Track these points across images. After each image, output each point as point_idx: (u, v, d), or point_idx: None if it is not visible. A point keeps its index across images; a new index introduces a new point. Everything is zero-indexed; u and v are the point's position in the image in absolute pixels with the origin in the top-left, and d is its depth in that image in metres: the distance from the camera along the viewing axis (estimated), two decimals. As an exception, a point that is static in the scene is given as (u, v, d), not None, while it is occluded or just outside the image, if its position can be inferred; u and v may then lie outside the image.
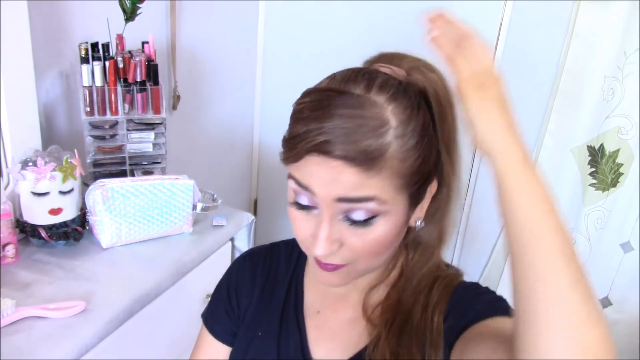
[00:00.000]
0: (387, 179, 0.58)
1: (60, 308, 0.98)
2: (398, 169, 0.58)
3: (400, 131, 0.58)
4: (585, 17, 1.76)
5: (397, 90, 0.60)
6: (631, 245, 1.99)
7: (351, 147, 0.55)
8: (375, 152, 0.56)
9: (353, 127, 0.55)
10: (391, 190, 0.59)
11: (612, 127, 1.84)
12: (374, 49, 0.72)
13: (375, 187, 0.57)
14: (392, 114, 0.58)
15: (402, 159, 0.58)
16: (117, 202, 1.17)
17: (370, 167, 0.56)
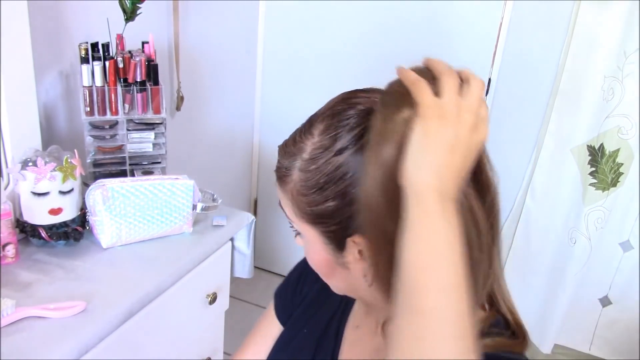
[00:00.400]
0: (289, 202, 0.60)
1: (60, 308, 0.98)
2: (297, 200, 0.59)
3: (305, 165, 0.57)
4: (585, 17, 1.76)
5: (338, 122, 0.56)
6: (631, 244, 1.99)
7: (278, 158, 0.61)
8: (281, 170, 0.60)
9: (287, 144, 0.60)
10: (293, 215, 0.61)
11: (612, 127, 1.84)
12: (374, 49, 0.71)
13: (284, 204, 0.62)
14: (310, 146, 0.57)
15: (301, 192, 0.58)
16: (117, 202, 1.17)
17: (280, 183, 0.61)
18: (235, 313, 2.27)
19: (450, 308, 0.45)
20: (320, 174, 0.56)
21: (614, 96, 1.81)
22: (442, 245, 0.47)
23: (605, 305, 2.11)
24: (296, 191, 0.58)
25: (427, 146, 0.49)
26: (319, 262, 0.63)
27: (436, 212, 0.48)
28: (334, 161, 0.55)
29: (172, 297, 1.18)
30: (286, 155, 0.59)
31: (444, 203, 0.48)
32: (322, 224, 0.58)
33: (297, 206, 0.59)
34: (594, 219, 1.94)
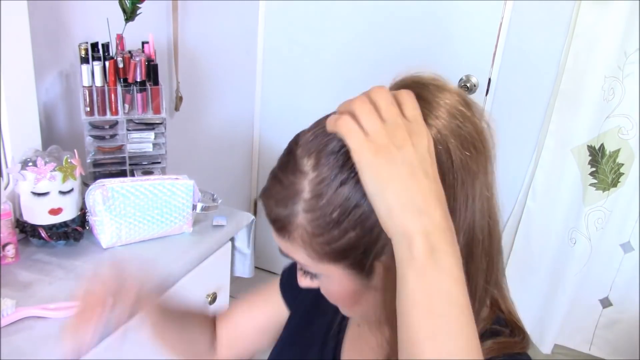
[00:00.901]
0: (301, 248, 0.54)
1: (60, 308, 0.98)
2: (312, 243, 0.53)
3: (311, 204, 0.52)
4: (585, 17, 1.76)
5: (331, 152, 0.51)
6: (631, 246, 1.99)
7: (269, 210, 0.55)
8: (283, 221, 0.54)
9: (275, 192, 0.55)
10: (309, 260, 0.55)
11: (612, 127, 1.84)
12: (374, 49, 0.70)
13: (294, 252, 0.56)
14: (309, 184, 0.52)
15: (315, 233, 0.52)
16: (117, 202, 1.17)
17: (282, 234, 0.55)
18: (235, 313, 2.26)
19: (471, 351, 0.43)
20: (331, 208, 0.51)
21: (615, 96, 1.81)
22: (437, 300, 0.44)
23: (605, 306, 2.11)
24: (308, 234, 0.53)
25: (386, 188, 0.45)
26: (344, 295, 0.59)
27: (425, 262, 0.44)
28: (342, 192, 0.50)
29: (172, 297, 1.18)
30: (279, 203, 0.54)
31: (432, 242, 0.44)
32: (346, 258, 0.53)
33: (313, 249, 0.54)
34: (594, 220, 1.94)
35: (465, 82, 1.95)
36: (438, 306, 0.44)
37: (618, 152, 1.86)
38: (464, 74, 1.96)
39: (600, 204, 1.92)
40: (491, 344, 0.57)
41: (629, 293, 2.04)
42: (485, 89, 1.97)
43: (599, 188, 1.91)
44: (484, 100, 1.98)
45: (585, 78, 1.81)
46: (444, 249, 0.44)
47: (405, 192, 0.45)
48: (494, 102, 1.99)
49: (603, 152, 1.87)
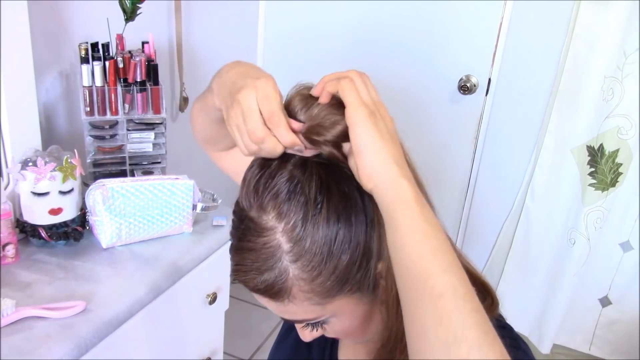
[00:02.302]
0: (304, 301, 0.54)
1: (60, 308, 0.98)
2: (313, 287, 0.53)
3: (296, 252, 0.52)
4: (585, 17, 1.76)
5: (287, 197, 0.52)
6: (631, 245, 1.99)
7: (255, 282, 0.54)
8: (275, 284, 0.53)
9: (251, 262, 0.54)
10: (318, 308, 0.55)
11: (611, 127, 1.84)
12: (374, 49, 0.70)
13: (297, 312, 0.56)
14: (282, 236, 0.52)
15: (311, 278, 0.52)
16: (117, 202, 1.17)
17: (280, 298, 0.54)
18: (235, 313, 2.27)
19: (460, 283, 0.46)
20: (318, 245, 0.52)
21: (614, 96, 1.81)
22: (430, 228, 0.47)
23: (605, 306, 2.11)
24: (306, 282, 0.53)
25: (378, 142, 0.49)
26: (358, 324, 0.59)
27: (415, 198, 0.48)
28: (319, 225, 0.52)
29: (172, 297, 1.18)
30: (262, 269, 0.53)
31: (414, 187, 0.49)
32: (347, 283, 0.54)
33: (316, 293, 0.53)
34: (593, 219, 1.94)
35: (465, 82, 1.95)
36: (428, 228, 0.47)
37: (617, 152, 1.86)
38: (464, 74, 1.97)
39: (599, 204, 1.92)
40: None
41: (628, 292, 2.04)
42: (485, 89, 1.97)
43: (598, 188, 1.91)
44: (484, 100, 1.98)
45: (584, 78, 1.81)
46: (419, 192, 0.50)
47: (390, 147, 0.50)
48: (493, 102, 1.99)
49: (602, 152, 1.87)
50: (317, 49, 2.18)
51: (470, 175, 2.08)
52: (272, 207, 0.53)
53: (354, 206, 0.54)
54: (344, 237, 0.52)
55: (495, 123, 2.01)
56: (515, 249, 2.11)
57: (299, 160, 0.54)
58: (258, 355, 2.13)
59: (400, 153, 0.51)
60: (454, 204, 2.14)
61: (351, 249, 0.53)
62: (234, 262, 0.56)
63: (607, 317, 2.12)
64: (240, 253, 0.55)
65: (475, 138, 2.03)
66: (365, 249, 0.54)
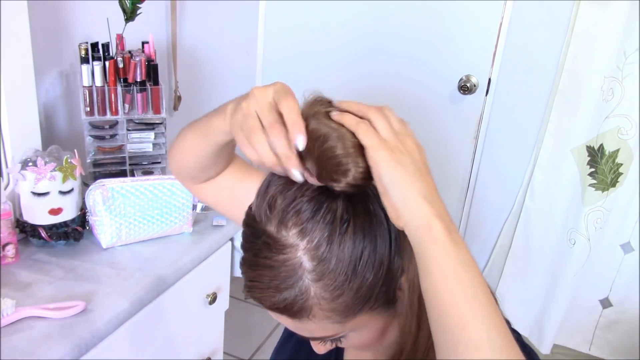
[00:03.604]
0: (325, 320, 0.53)
1: (60, 308, 0.98)
2: (332, 307, 0.52)
3: (319, 271, 0.50)
4: (584, 17, 1.76)
5: (311, 215, 0.51)
6: (631, 246, 1.99)
7: (273, 300, 0.52)
8: (295, 303, 0.51)
9: (269, 280, 0.52)
10: (338, 326, 0.54)
11: (611, 127, 1.84)
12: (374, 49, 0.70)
13: (316, 330, 0.55)
14: (305, 254, 0.50)
15: (332, 297, 0.51)
16: (117, 202, 1.17)
17: (299, 317, 0.52)
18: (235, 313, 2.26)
19: (497, 334, 0.44)
20: (343, 265, 0.50)
21: (614, 96, 1.81)
22: (465, 272, 0.46)
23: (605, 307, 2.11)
24: (327, 301, 0.51)
25: (402, 180, 0.48)
26: (375, 337, 0.58)
27: (448, 239, 0.46)
28: (345, 245, 0.51)
29: (172, 297, 1.18)
30: (281, 287, 0.51)
31: (446, 224, 0.47)
32: (369, 301, 0.53)
33: (337, 313, 0.52)
34: (593, 220, 1.94)
35: (465, 82, 1.95)
36: (463, 273, 0.46)
37: (617, 152, 1.86)
38: (464, 74, 1.96)
39: (599, 204, 1.92)
40: None
41: (629, 294, 2.04)
42: (485, 89, 1.97)
43: (598, 188, 1.91)
44: (484, 100, 1.98)
45: (584, 78, 1.81)
46: (454, 229, 0.48)
47: (418, 183, 0.48)
48: (493, 102, 1.99)
49: (602, 153, 1.87)
50: (317, 49, 2.17)
51: (470, 175, 2.08)
52: (293, 223, 0.51)
53: (379, 225, 0.52)
54: (369, 256, 0.51)
55: (495, 123, 2.00)
56: (515, 249, 2.11)
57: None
58: (258, 355, 2.13)
59: (431, 187, 0.49)
60: (454, 204, 2.14)
61: (375, 268, 0.52)
62: (248, 278, 0.54)
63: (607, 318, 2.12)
64: (255, 269, 0.53)
65: (475, 138, 2.03)
66: (390, 266, 0.53)
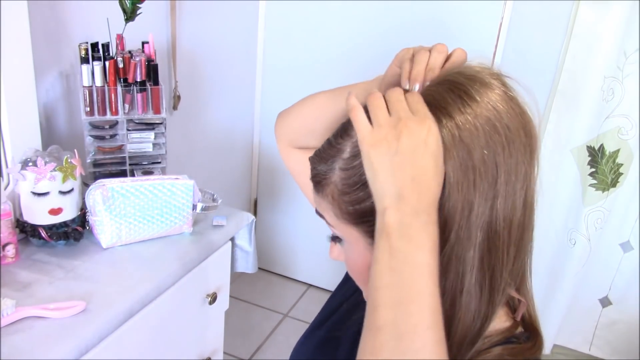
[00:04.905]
0: (330, 205, 0.59)
1: (60, 308, 0.98)
2: (339, 200, 0.58)
3: (347, 163, 0.57)
4: (584, 17, 1.76)
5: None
6: (631, 245, 1.99)
7: (314, 166, 0.61)
8: (321, 176, 0.59)
9: (322, 151, 0.60)
10: (334, 219, 0.60)
11: (612, 128, 1.84)
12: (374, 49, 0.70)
13: (324, 209, 0.61)
14: (350, 146, 0.57)
15: (343, 191, 0.57)
16: (117, 202, 1.17)
17: (317, 189, 0.60)
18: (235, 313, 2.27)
19: (403, 321, 0.47)
20: (362, 169, 0.54)
21: (614, 96, 1.81)
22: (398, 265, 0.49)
23: (605, 306, 2.11)
24: (337, 191, 0.57)
25: (375, 175, 0.51)
26: (362, 266, 0.60)
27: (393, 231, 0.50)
28: None
29: (172, 297, 1.18)
30: (322, 160, 0.59)
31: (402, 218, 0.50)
32: (365, 223, 0.57)
33: (339, 207, 0.58)
34: (593, 220, 1.94)
35: (465, 82, 1.95)
36: (394, 263, 0.49)
37: (618, 152, 1.86)
38: (464, 74, 1.96)
39: (599, 204, 1.92)
40: (500, 349, 0.58)
41: (628, 293, 2.04)
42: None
43: (599, 188, 1.91)
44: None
45: (584, 78, 1.81)
46: (411, 224, 0.50)
47: (389, 180, 0.51)
48: (493, 102, 1.99)
49: (603, 153, 1.87)
50: (317, 49, 2.17)
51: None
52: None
53: None
54: None
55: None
56: (515, 249, 2.11)
57: None
58: (258, 355, 2.13)
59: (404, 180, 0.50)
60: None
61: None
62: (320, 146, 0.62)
63: (607, 318, 2.12)
64: (326, 141, 0.60)
65: (476, 138, 2.03)
66: None
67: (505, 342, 0.59)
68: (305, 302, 2.46)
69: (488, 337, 0.58)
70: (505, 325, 0.61)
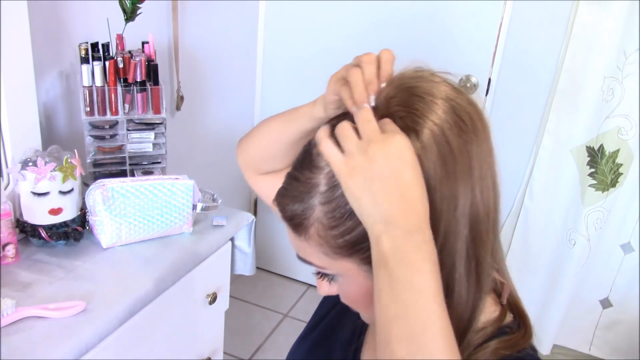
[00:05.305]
0: (317, 245, 0.56)
1: (60, 308, 0.98)
2: (327, 237, 0.55)
3: (327, 196, 0.54)
4: (583, 17, 1.76)
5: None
6: (632, 247, 1.99)
7: (286, 208, 0.57)
8: (299, 217, 0.56)
9: (292, 190, 0.57)
10: (325, 259, 0.57)
11: (612, 128, 1.84)
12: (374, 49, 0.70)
13: (310, 254, 0.58)
14: (325, 178, 0.54)
15: (330, 225, 0.54)
16: (117, 202, 1.17)
17: (298, 232, 0.57)
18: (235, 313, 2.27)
19: (419, 354, 0.47)
20: (346, 200, 0.53)
21: (614, 97, 1.81)
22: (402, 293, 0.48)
23: (605, 307, 2.11)
24: (324, 227, 0.55)
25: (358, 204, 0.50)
26: (363, 295, 0.59)
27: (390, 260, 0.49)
28: None
29: (172, 297, 1.18)
30: (295, 199, 0.56)
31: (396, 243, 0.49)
32: (359, 251, 0.55)
33: (328, 244, 0.55)
34: (593, 220, 1.94)
35: (465, 82, 1.95)
36: (399, 293, 0.48)
37: (617, 152, 1.86)
38: (464, 74, 1.96)
39: (599, 205, 1.92)
40: (496, 344, 0.59)
41: (629, 294, 2.04)
42: (485, 89, 1.97)
43: (598, 189, 1.91)
44: (484, 100, 1.98)
45: (583, 78, 1.81)
46: (405, 247, 0.49)
47: (374, 207, 0.50)
48: (493, 102, 1.99)
49: (602, 153, 1.87)
50: (317, 49, 2.17)
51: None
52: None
53: None
54: None
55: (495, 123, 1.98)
56: (514, 248, 2.11)
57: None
58: (258, 355, 2.13)
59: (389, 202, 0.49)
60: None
61: None
62: (282, 185, 0.59)
63: (607, 318, 2.12)
64: (289, 179, 0.58)
65: (475, 138, 2.03)
66: None
67: (498, 333, 0.60)
68: (305, 302, 2.46)
69: (482, 329, 0.59)
70: (495, 314, 0.62)
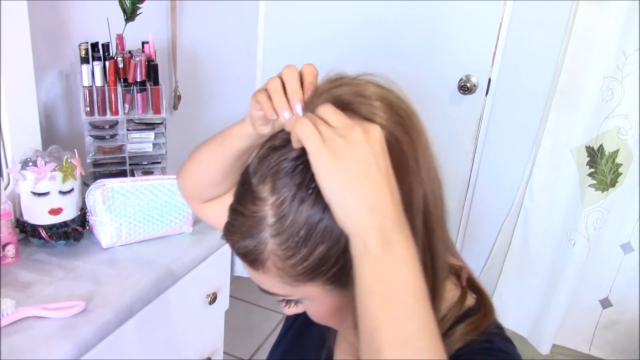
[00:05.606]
0: (276, 277, 0.54)
1: (60, 308, 0.98)
2: (284, 267, 0.53)
3: (277, 228, 0.52)
4: (583, 17, 1.76)
5: (285, 174, 0.52)
6: (631, 246, 1.99)
7: (237, 245, 0.55)
8: (253, 252, 0.54)
9: (239, 226, 0.55)
10: (286, 288, 0.55)
11: (611, 128, 1.84)
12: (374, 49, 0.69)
13: (271, 285, 0.56)
14: (271, 209, 0.52)
15: (286, 256, 0.52)
16: (117, 202, 1.17)
17: (255, 267, 0.55)
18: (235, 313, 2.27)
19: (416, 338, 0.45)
20: (297, 227, 0.51)
21: (614, 97, 1.81)
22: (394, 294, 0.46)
23: (605, 307, 2.11)
24: (280, 259, 0.53)
25: (340, 189, 0.47)
26: (330, 314, 0.58)
27: (381, 256, 0.46)
28: (303, 209, 0.51)
29: (172, 297, 1.18)
30: (244, 235, 0.54)
31: (386, 236, 0.46)
32: (321, 274, 0.53)
33: (288, 273, 0.53)
34: (593, 220, 1.94)
35: (465, 82, 1.95)
36: (392, 294, 0.46)
37: (617, 152, 1.86)
38: (464, 74, 1.97)
39: (599, 205, 1.92)
40: (463, 328, 0.58)
41: (629, 294, 2.04)
42: (485, 89, 1.97)
43: (598, 189, 1.91)
44: (484, 100, 1.98)
45: (583, 78, 1.81)
46: (397, 241, 0.47)
47: (360, 192, 0.47)
48: (493, 102, 1.99)
49: (602, 153, 1.87)
50: (316, 49, 2.17)
51: (470, 175, 2.08)
52: (270, 179, 0.53)
53: None
54: (325, 228, 0.51)
55: (495, 123, 2.00)
56: (513, 248, 2.11)
57: None
58: (258, 355, 2.13)
59: (375, 188, 0.47)
60: (454, 204, 2.14)
61: (330, 243, 0.52)
62: (227, 220, 0.57)
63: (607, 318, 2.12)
64: (233, 214, 0.56)
65: (475, 138, 2.03)
66: (346, 248, 0.51)
67: (462, 316, 0.60)
68: (305, 302, 2.46)
69: (445, 315, 0.59)
70: (455, 297, 0.62)
